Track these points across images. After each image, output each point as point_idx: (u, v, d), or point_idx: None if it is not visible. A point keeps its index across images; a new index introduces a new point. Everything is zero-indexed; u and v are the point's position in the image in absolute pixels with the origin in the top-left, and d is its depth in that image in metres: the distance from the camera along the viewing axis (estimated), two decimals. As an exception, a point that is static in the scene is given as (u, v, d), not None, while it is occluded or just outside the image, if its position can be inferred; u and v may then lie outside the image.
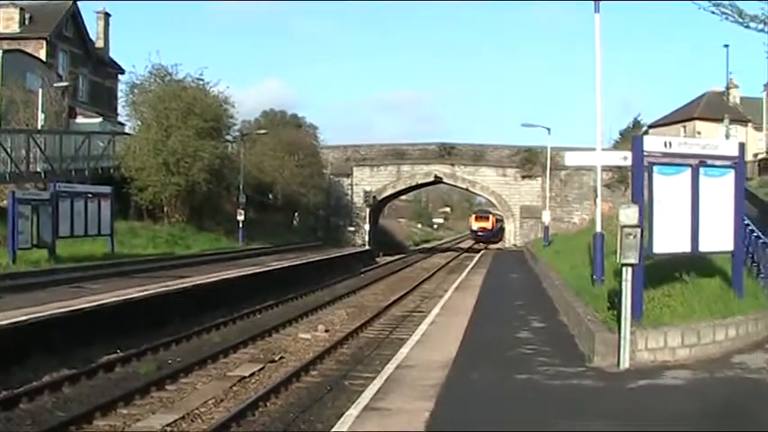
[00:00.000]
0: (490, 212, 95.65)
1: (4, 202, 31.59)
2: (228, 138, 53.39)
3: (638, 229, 12.55)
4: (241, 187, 51.09)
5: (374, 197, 66.72)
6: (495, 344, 15.73)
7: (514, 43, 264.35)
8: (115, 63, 67.16)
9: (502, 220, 79.39)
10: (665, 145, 14.28)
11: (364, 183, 67.63)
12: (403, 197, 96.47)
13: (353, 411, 10.42)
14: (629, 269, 12.58)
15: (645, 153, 13.92)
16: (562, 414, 10.33)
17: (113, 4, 66.61)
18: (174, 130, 44.96)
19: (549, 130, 50.32)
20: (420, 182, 70.64)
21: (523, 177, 66.73)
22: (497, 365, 13.43)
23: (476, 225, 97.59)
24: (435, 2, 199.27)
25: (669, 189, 14.11)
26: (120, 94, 60.82)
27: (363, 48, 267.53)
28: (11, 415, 13.57)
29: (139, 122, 48.13)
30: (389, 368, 13.25)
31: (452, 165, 68.09)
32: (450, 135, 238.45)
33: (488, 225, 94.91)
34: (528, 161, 66.22)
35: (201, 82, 48.24)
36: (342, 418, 10.24)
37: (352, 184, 68.27)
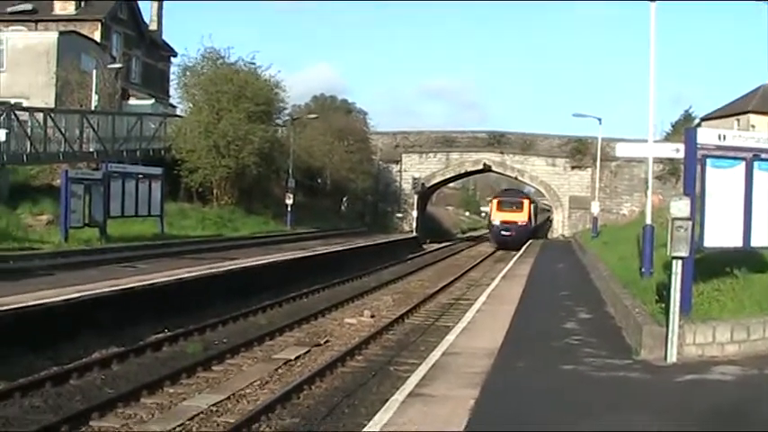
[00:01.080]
0: (526, 196, 67.34)
1: (58, 181, 32.04)
2: (279, 122, 53.67)
3: (690, 222, 12.41)
4: (290, 171, 51.29)
5: (423, 184, 66.58)
6: (542, 334, 15.67)
7: (564, 31, 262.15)
8: (168, 45, 67.68)
9: (549, 210, 76.59)
10: (719, 138, 14.06)
11: (413, 169, 67.47)
12: (451, 185, 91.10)
13: (398, 397, 10.44)
14: (679, 262, 12.44)
15: (698, 146, 13.71)
16: (608, 406, 10.26)
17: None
18: (225, 113, 45.27)
19: (600, 120, 49.79)
20: (469, 170, 70.36)
21: (573, 167, 66.13)
22: (543, 355, 13.38)
23: (499, 216, 62.78)
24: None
25: (722, 182, 13.91)
26: (172, 76, 61.43)
27: (411, 34, 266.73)
28: (61, 390, 13.81)
29: (191, 105, 48.54)
30: (435, 355, 13.26)
31: (502, 153, 67.65)
32: (499, 123, 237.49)
33: (522, 218, 61.67)
34: (578, 151, 65.62)
35: (253, 66, 48.56)
36: (386, 404, 10.26)
37: (400, 171, 68.19)
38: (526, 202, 63.70)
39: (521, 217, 61.56)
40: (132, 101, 54.73)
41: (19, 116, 34.10)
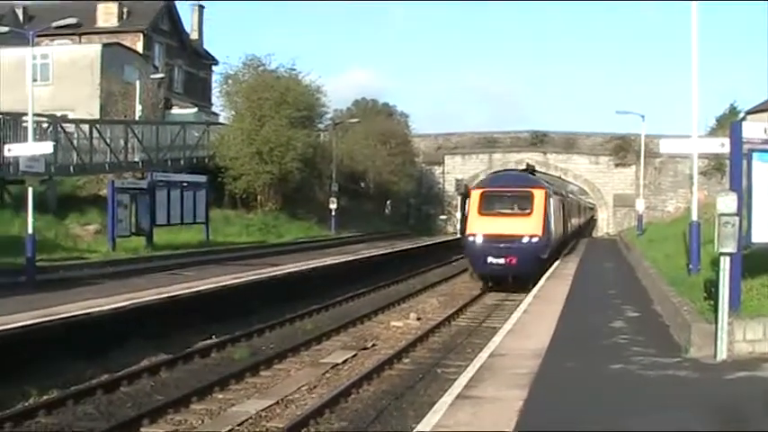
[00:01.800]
0: (537, 184, 32.65)
1: (104, 191, 32.43)
2: (320, 126, 53.88)
3: (737, 218, 12.26)
4: (333, 176, 51.51)
5: (466, 185, 66.41)
6: (589, 333, 15.55)
7: (606, 28, 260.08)
8: (209, 54, 68.30)
9: (593, 208, 70.58)
10: (765, 131, 13.86)
11: (456, 171, 67.46)
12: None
13: (447, 399, 10.40)
14: (727, 258, 12.29)
15: (744, 140, 13.52)
16: (658, 405, 10.17)
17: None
18: (268, 120, 45.50)
19: (643, 117, 49.31)
20: (512, 170, 69.96)
21: (617, 165, 65.73)
22: (591, 355, 13.27)
23: (483, 226, 30.02)
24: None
25: (769, 176, 13.72)
26: (214, 84, 62.09)
27: (450, 35, 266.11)
28: (112, 397, 14.01)
29: (233, 112, 48.91)
30: (482, 356, 13.19)
31: (544, 153, 67.41)
32: (541, 122, 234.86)
33: (528, 227, 29.82)
34: (621, 149, 65.21)
35: (294, 72, 48.80)
36: (435, 406, 10.24)
37: (443, 173, 68.20)
38: (538, 194, 31.02)
39: (526, 226, 30.12)
40: (175, 110, 55.35)
41: (65, 128, 34.65)
